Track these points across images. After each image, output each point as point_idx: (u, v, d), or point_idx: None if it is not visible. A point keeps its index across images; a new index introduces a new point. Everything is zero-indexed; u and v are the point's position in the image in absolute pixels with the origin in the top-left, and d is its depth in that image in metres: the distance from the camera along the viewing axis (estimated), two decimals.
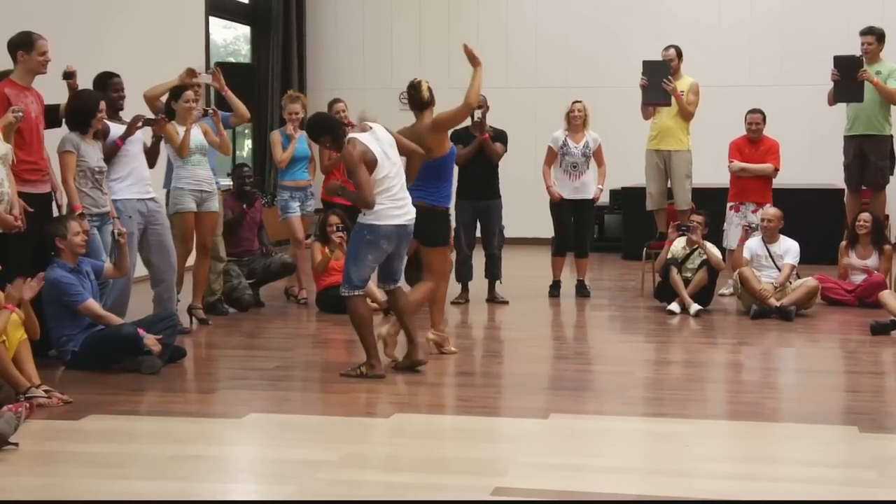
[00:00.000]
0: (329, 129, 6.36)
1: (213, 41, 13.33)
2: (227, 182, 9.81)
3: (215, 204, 8.12)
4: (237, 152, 12.30)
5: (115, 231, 6.89)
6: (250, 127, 14.15)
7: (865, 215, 9.10)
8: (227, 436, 5.28)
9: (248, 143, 14.04)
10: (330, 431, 5.30)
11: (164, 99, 7.86)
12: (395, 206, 6.24)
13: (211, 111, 8.10)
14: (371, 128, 6.29)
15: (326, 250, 8.75)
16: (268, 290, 9.58)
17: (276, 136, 9.29)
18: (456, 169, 9.14)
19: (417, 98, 6.87)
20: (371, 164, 6.13)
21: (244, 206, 9.05)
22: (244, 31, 14.30)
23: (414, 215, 6.36)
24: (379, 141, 6.24)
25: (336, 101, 9.34)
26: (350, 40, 14.58)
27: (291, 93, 9.76)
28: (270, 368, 6.71)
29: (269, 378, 6.45)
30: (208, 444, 5.09)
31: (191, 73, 7.93)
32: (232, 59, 14.29)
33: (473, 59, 6.83)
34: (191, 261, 8.16)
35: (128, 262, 6.98)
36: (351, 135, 6.21)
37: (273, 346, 7.54)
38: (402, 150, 6.49)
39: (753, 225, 8.93)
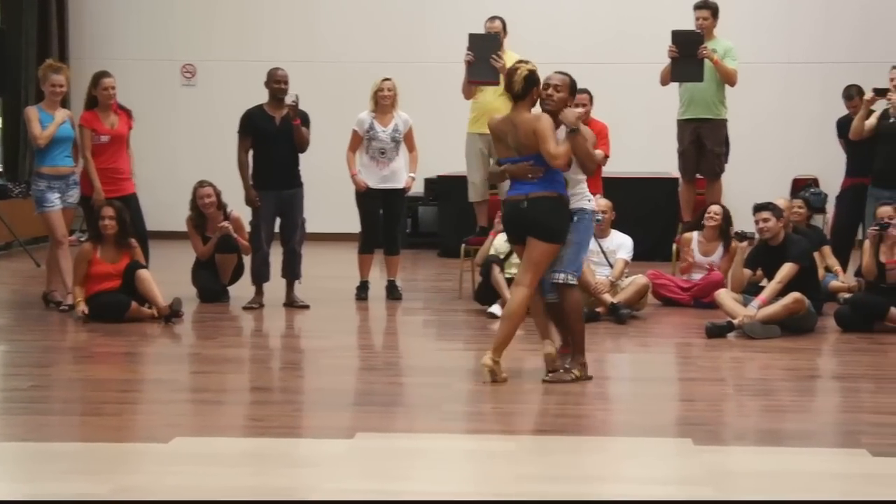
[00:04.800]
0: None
1: None
2: None
3: None
4: None
5: None
6: None
7: (716, 207, 9.48)
8: None
9: None
10: (98, 461, 5.16)
11: None
12: None
13: None
14: None
15: (102, 257, 8.49)
16: (22, 294, 9.25)
17: (31, 112, 9.00)
18: (251, 154, 9.11)
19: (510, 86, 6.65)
20: None
21: None
22: None
23: None
24: None
25: (103, 74, 9.07)
26: (124, 2, 14.21)
27: (52, 62, 9.46)
28: (24, 388, 6.49)
29: (22, 400, 6.23)
30: None
31: None
32: None
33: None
34: None
35: None
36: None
37: (27, 362, 7.28)
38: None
39: (598, 218, 9.14)
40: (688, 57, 9.78)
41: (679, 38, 9.84)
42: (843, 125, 9.89)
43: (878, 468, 5.11)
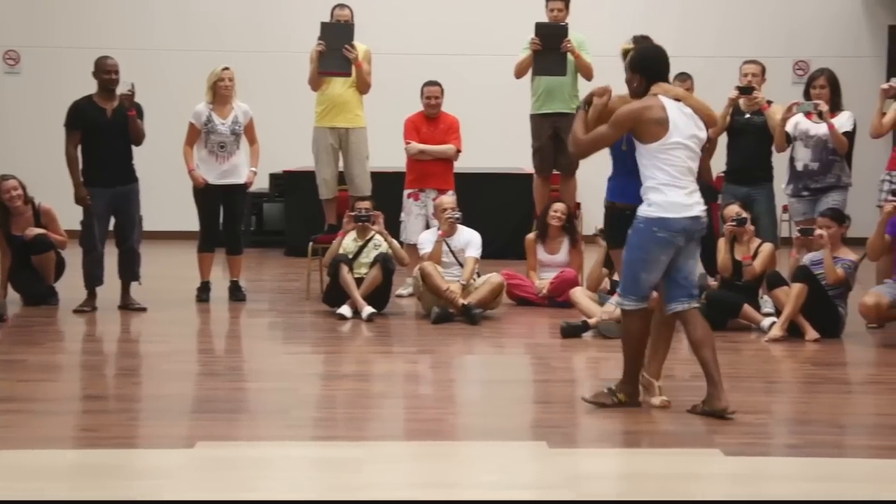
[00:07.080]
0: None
1: None
2: None
3: None
4: None
5: None
6: None
7: (560, 205, 9.62)
8: None
9: None
10: None
11: None
12: None
13: None
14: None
15: None
16: None
17: None
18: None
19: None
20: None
21: None
22: None
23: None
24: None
25: None
26: None
27: None
28: None
29: None
30: None
31: None
32: None
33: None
34: None
35: None
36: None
37: None
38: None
39: (457, 216, 9.16)
40: (551, 50, 9.85)
41: (542, 30, 9.89)
42: None
43: (731, 468, 5.27)
